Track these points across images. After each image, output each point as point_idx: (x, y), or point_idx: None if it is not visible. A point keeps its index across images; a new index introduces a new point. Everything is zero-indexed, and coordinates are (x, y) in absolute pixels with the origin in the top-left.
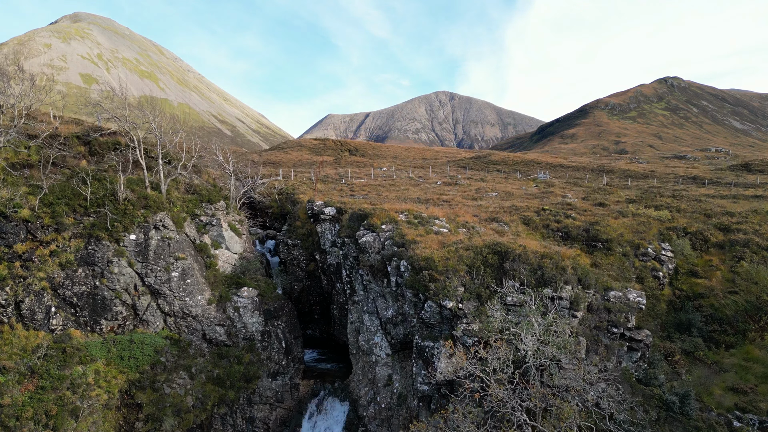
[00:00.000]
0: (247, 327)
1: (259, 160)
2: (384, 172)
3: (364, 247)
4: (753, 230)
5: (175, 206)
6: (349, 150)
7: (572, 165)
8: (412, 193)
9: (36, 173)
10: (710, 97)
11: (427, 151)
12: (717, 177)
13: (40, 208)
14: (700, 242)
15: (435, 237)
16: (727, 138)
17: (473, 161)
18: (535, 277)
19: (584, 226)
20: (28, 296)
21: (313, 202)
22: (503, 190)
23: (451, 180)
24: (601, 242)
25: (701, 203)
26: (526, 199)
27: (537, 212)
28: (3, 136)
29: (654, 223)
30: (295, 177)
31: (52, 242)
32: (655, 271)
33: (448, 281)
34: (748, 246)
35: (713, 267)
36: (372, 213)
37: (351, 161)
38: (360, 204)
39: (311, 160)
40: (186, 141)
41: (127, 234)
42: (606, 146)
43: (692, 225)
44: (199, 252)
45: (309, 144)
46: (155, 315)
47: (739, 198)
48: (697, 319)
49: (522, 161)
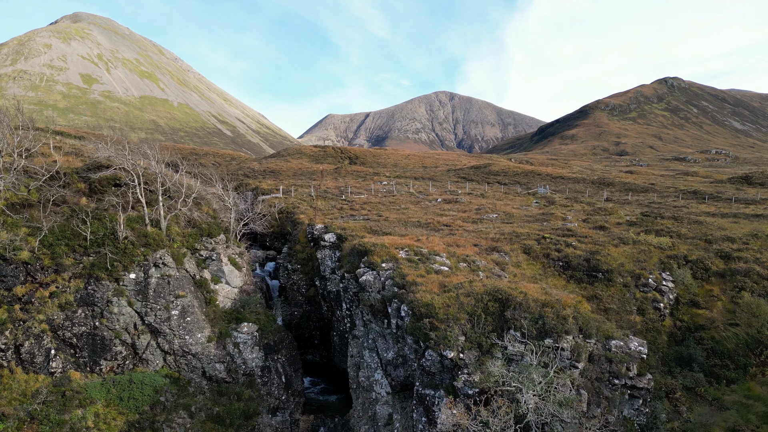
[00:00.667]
0: (247, 363)
1: (259, 168)
2: (384, 186)
3: (364, 286)
4: (754, 258)
5: (175, 242)
6: (349, 158)
7: (572, 177)
8: (412, 212)
9: (36, 213)
10: (710, 98)
11: (426, 158)
12: (717, 191)
13: (39, 250)
14: (701, 271)
15: (436, 277)
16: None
17: (473, 172)
18: (536, 327)
19: (585, 256)
20: (27, 339)
21: (313, 226)
22: (503, 210)
23: (451, 196)
24: (601, 272)
25: (702, 226)
26: (527, 222)
27: (538, 240)
28: (2, 180)
29: (655, 252)
30: (295, 193)
31: (52, 283)
32: (656, 302)
33: (449, 330)
34: (749, 276)
35: (714, 297)
36: (372, 250)
37: (351, 171)
38: (360, 230)
39: (311, 169)
40: (186, 174)
41: (127, 273)
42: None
43: (693, 252)
44: (199, 288)
45: (309, 151)
46: (155, 354)
47: (740, 217)
48: (698, 354)
49: (522, 172)
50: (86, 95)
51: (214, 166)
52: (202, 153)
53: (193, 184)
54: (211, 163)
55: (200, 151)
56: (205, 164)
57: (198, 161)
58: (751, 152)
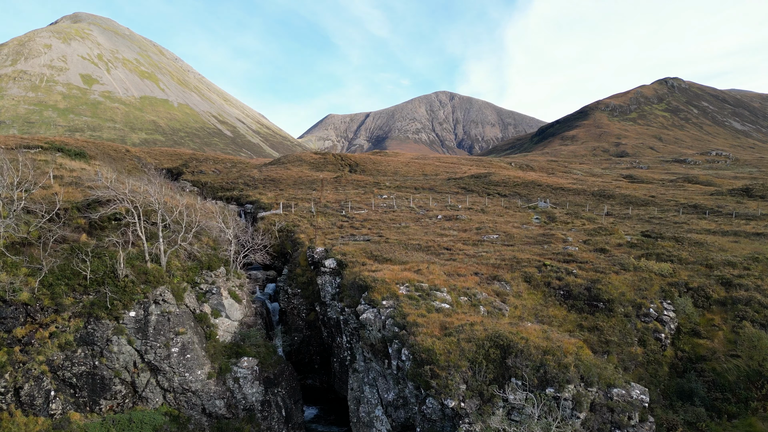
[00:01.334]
0: (247, 398)
1: (259, 176)
2: (384, 200)
3: (364, 324)
4: (754, 285)
5: (175, 277)
6: (350, 165)
7: (573, 188)
8: (412, 232)
9: (36, 251)
10: (711, 98)
11: (426, 165)
12: (717, 205)
13: (39, 290)
14: (702, 299)
15: (437, 317)
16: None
17: (474, 181)
18: (538, 376)
19: (586, 284)
20: (27, 382)
21: (313, 249)
22: (504, 230)
23: (452, 212)
24: (603, 302)
25: (702, 248)
26: (527, 245)
27: (538, 268)
28: (2, 224)
29: (656, 279)
30: (295, 209)
31: (52, 324)
32: (657, 332)
33: (450, 378)
34: (750, 304)
35: (715, 327)
36: (373, 286)
37: (351, 180)
38: (360, 255)
39: (311, 178)
40: (186, 210)
41: (127, 311)
42: (606, 148)
43: (694, 279)
44: (199, 323)
45: (309, 158)
46: (154, 392)
47: (740, 235)
48: (700, 388)
49: (523, 182)
50: (86, 96)
51: (215, 173)
52: (202, 158)
53: (193, 218)
54: (211, 170)
55: (200, 156)
56: (206, 171)
57: (198, 168)
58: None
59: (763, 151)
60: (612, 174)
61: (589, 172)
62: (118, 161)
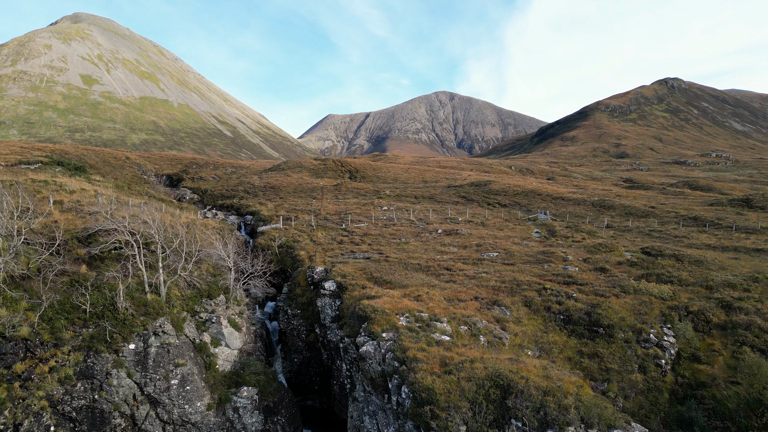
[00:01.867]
0: (246, 428)
1: (259, 183)
2: (384, 212)
3: (364, 357)
4: (755, 309)
5: (175, 307)
6: (350, 171)
7: (573, 197)
8: (412, 248)
9: (35, 284)
10: (711, 99)
11: (427, 171)
12: (717, 217)
13: (39, 325)
14: (702, 323)
15: (437, 351)
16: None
17: (474, 190)
18: (538, 418)
19: (586, 309)
20: (27, 418)
21: (313, 269)
22: (503, 247)
23: (452, 225)
24: (603, 328)
25: (702, 267)
26: (527, 264)
27: (539, 291)
28: (2, 261)
29: (656, 302)
30: (295, 222)
31: (52, 358)
32: (658, 358)
33: (450, 420)
34: (750, 329)
35: (715, 352)
36: (372, 317)
37: (351, 188)
38: (360, 277)
39: (311, 185)
40: (186, 238)
41: (126, 344)
42: (606, 149)
43: (694, 303)
44: (198, 352)
45: (309, 164)
46: (154, 424)
47: (741, 251)
48: (699, 416)
49: (523, 192)
50: (86, 96)
51: (215, 180)
52: (202, 163)
53: (193, 248)
54: (211, 176)
55: (200, 161)
56: (206, 177)
57: (198, 174)
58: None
59: (762, 152)
60: (612, 177)
61: (589, 175)
62: (117, 169)
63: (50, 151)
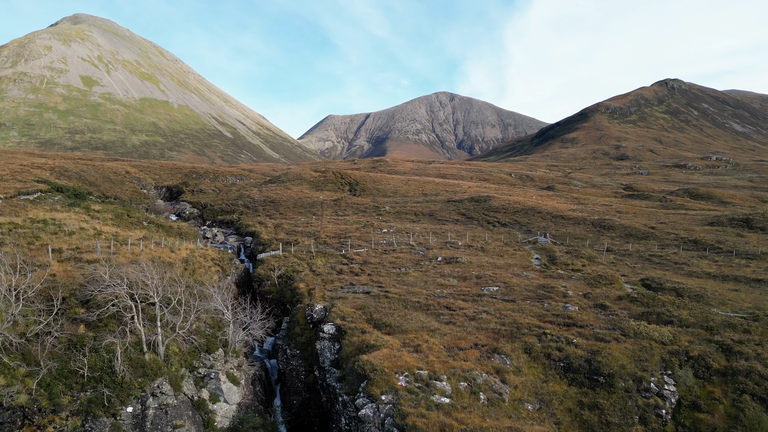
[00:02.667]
0: None
1: (259, 197)
2: (384, 235)
3: (363, 420)
4: (755, 354)
5: (173, 365)
6: (350, 184)
7: (573, 216)
8: (412, 280)
9: (33, 349)
10: (711, 100)
11: (426, 183)
12: (717, 240)
13: (37, 391)
14: (703, 369)
15: (436, 417)
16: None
17: (474, 206)
18: None
19: (586, 356)
20: None
21: (312, 307)
22: (504, 279)
23: (451, 250)
24: (603, 376)
25: (702, 302)
26: (528, 301)
27: (539, 337)
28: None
29: (656, 348)
30: (295, 248)
31: (50, 425)
32: (658, 408)
33: None
34: (750, 376)
35: (716, 400)
36: (372, 378)
37: (351, 203)
38: (360, 320)
39: (311, 199)
40: (186, 293)
41: (124, 407)
42: (606, 151)
43: (694, 347)
44: (197, 410)
45: (309, 176)
46: None
47: (741, 282)
48: None
49: (522, 209)
50: (86, 97)
51: (215, 192)
52: (202, 172)
53: (192, 305)
54: (211, 188)
55: (200, 170)
56: (205, 190)
57: (198, 186)
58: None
59: (763, 153)
60: (612, 184)
61: (589, 182)
62: (117, 185)
63: (50, 168)
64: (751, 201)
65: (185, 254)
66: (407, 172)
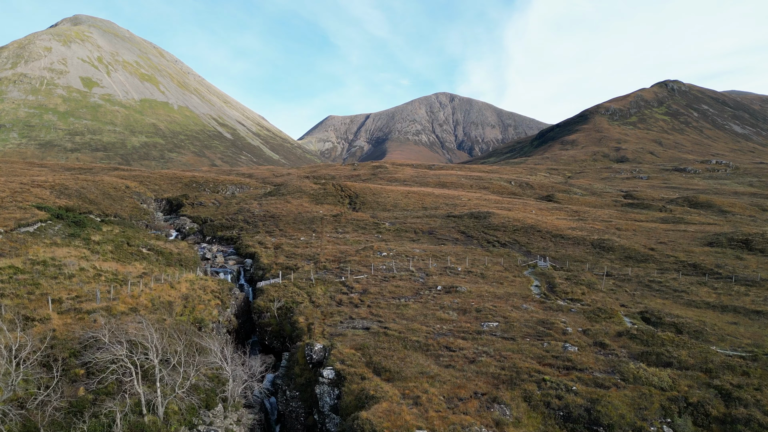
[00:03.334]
0: None
1: (259, 212)
2: (384, 260)
3: None
4: (753, 400)
5: (172, 425)
6: (350, 197)
7: (572, 235)
8: (411, 314)
9: (32, 416)
10: (711, 101)
11: (426, 196)
12: (717, 264)
13: None
14: (702, 416)
15: None
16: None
17: (474, 224)
18: None
19: (585, 405)
20: None
21: (311, 347)
22: (503, 314)
23: (452, 277)
24: (603, 427)
25: (701, 339)
26: (527, 340)
27: (538, 384)
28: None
29: (656, 394)
30: (294, 275)
31: None
32: None
33: None
34: (749, 425)
35: None
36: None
37: (351, 219)
38: (359, 363)
39: (311, 214)
40: (185, 351)
41: None
42: (606, 153)
43: (693, 393)
44: None
45: (309, 189)
46: None
47: (740, 314)
48: None
49: (522, 227)
50: (86, 99)
51: (214, 205)
52: (201, 181)
53: (191, 367)
54: (210, 201)
55: (200, 179)
56: (205, 203)
57: (198, 199)
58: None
59: (763, 155)
60: (612, 191)
61: (589, 189)
62: (117, 201)
63: (50, 186)
64: (751, 210)
65: (185, 289)
66: (407, 180)
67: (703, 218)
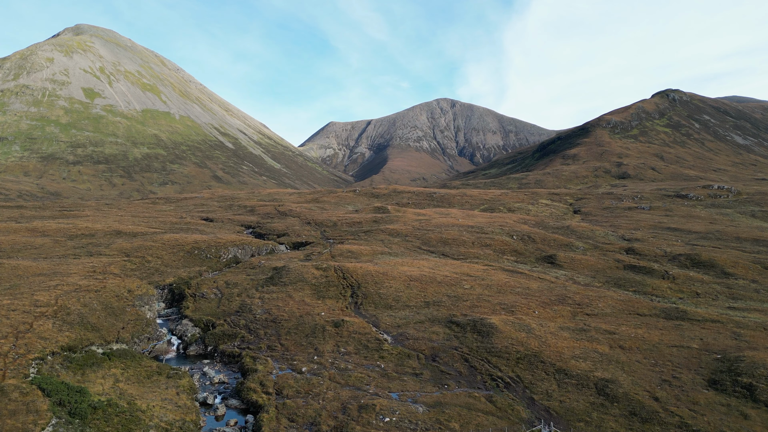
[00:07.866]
0: None
1: (260, 312)
2: (387, 425)
3: None
4: None
5: None
6: (351, 287)
7: (576, 372)
8: None
9: None
10: (712, 111)
11: (429, 284)
12: None
13: None
14: None
15: None
16: (729, 156)
17: (477, 344)
18: None
19: None
20: None
21: None
22: None
23: None
24: None
25: None
26: None
27: None
28: None
29: None
30: None
31: None
32: None
33: None
34: None
35: None
36: None
37: (353, 332)
38: None
39: (313, 319)
40: None
41: None
42: (608, 168)
43: None
44: None
45: (311, 278)
46: None
47: None
48: None
49: (525, 355)
50: (88, 110)
51: (216, 297)
52: (204, 246)
53: None
54: (212, 292)
55: (202, 244)
56: (207, 294)
57: (200, 290)
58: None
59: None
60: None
61: (591, 237)
62: (119, 315)
63: (53, 314)
64: (753, 271)
65: None
66: (408, 235)
67: (704, 305)
